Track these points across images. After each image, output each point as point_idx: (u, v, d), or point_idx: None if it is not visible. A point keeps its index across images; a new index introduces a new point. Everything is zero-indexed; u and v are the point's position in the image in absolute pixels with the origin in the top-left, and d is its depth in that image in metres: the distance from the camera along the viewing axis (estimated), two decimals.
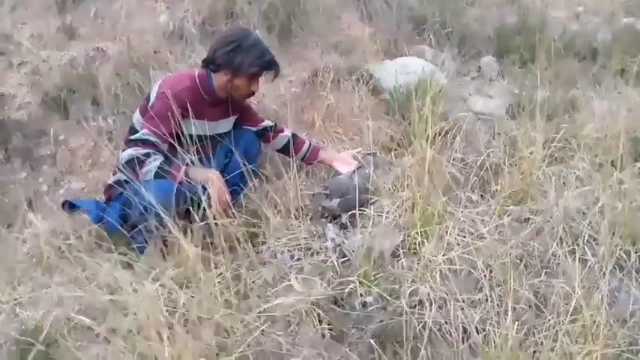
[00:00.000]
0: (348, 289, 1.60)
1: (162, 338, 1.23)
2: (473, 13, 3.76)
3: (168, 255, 1.57)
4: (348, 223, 1.93)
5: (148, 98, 1.91)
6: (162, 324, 1.25)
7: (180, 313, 1.32)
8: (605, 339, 1.36)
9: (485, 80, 3.26)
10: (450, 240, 1.74)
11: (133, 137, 1.81)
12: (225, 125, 2.07)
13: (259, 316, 1.49)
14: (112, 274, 1.36)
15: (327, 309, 1.56)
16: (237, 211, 1.74)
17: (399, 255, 1.75)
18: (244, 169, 1.82)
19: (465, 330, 1.53)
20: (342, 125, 2.65)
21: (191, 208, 1.56)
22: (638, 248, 1.76)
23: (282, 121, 2.41)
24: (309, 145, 2.26)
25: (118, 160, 1.82)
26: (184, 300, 1.36)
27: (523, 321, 1.51)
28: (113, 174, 1.96)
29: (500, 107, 2.92)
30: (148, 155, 1.74)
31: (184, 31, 2.99)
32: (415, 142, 1.91)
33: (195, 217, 1.52)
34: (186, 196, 1.63)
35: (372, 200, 1.96)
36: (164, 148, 1.79)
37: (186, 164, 1.72)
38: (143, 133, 1.79)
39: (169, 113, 1.75)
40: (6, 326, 1.52)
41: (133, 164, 1.73)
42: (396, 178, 2.02)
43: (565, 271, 1.64)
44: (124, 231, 1.68)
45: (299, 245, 1.82)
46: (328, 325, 1.54)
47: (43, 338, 1.40)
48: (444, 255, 1.69)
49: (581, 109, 2.72)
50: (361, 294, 1.59)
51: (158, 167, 1.73)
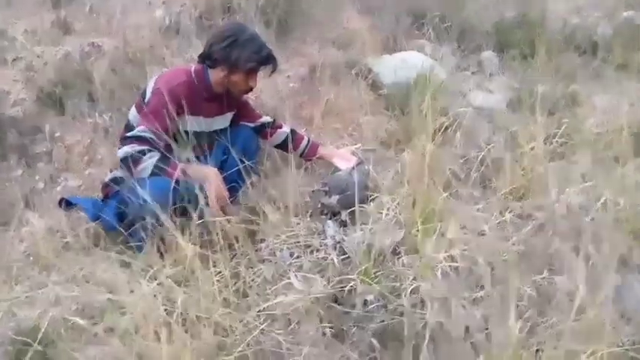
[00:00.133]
0: (348, 287, 1.58)
1: (160, 338, 1.21)
2: (472, 7, 3.73)
3: (165, 253, 1.55)
4: (348, 220, 1.92)
5: (144, 94, 1.89)
6: (160, 323, 1.24)
7: (178, 312, 1.31)
8: (610, 337, 1.34)
9: (485, 75, 3.24)
10: (451, 237, 1.72)
11: (128, 134, 1.79)
12: (222, 121, 2.05)
13: (259, 315, 1.47)
14: (110, 272, 1.34)
15: (328, 307, 1.54)
16: (236, 208, 1.72)
17: (400, 252, 1.73)
18: (242, 166, 1.80)
19: (467, 328, 1.52)
20: (341, 121, 2.63)
21: (188, 206, 1.54)
22: None
23: (281, 117, 2.39)
24: (308, 141, 2.24)
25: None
26: (182, 299, 1.34)
27: (526, 319, 1.49)
28: (110, 171, 1.94)
29: (500, 102, 2.91)
30: (144, 153, 1.71)
31: (181, 25, 2.96)
32: (415, 138, 1.89)
33: (193, 215, 1.50)
34: (183, 193, 1.61)
35: (372, 197, 1.94)
36: (160, 145, 1.76)
37: (184, 161, 1.70)
38: (139, 130, 1.76)
39: (165, 109, 1.73)
40: (2, 326, 1.49)
41: (128, 162, 1.71)
42: (395, 174, 2.00)
43: (568, 268, 1.62)
44: (121, 229, 1.66)
45: (298, 243, 1.80)
46: (329, 323, 1.52)
47: (40, 338, 1.38)
48: (444, 252, 1.67)
49: (582, 104, 2.71)
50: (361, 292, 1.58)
51: (154, 165, 1.70)
